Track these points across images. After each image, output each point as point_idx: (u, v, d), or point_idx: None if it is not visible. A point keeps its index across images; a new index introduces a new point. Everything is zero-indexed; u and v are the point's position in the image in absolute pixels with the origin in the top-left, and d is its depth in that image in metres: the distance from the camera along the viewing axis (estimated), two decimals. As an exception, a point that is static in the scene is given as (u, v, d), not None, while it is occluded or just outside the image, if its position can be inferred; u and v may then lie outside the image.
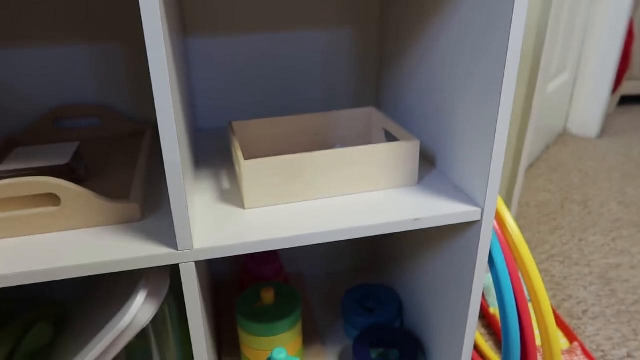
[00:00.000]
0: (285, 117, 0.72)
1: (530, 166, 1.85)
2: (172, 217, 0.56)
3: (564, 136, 2.16)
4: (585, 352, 0.93)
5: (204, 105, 0.85)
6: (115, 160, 0.72)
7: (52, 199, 0.55)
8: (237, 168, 0.63)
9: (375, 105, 0.91)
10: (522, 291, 0.62)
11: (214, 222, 0.55)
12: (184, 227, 0.49)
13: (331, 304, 0.94)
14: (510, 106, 0.52)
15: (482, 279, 0.61)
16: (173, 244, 0.51)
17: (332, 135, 0.75)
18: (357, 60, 0.86)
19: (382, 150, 0.60)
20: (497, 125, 0.52)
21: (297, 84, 0.86)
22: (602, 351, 0.97)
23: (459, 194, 0.61)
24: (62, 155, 0.64)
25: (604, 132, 2.17)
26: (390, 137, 0.72)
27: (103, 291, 0.69)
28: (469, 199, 0.59)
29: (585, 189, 1.66)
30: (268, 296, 0.75)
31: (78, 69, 0.78)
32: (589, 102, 2.09)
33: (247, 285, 0.88)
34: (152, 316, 0.54)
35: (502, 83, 0.51)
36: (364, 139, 0.76)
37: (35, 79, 0.78)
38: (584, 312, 1.08)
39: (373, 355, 0.79)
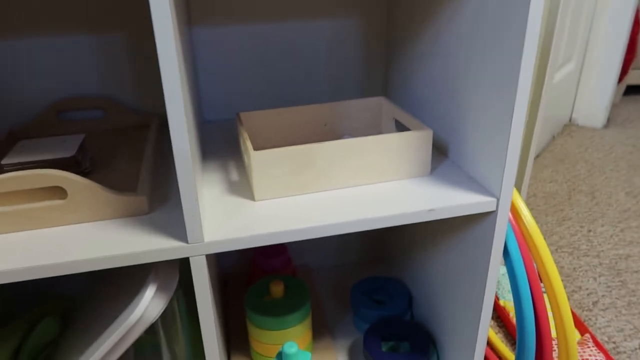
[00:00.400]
0: (294, 107, 0.70)
1: (537, 157, 1.84)
2: (180, 209, 0.55)
3: (569, 127, 2.14)
4: (597, 343, 0.92)
5: (209, 97, 0.83)
6: (120, 153, 0.70)
7: (58, 192, 0.54)
8: (245, 159, 0.61)
9: (384, 95, 0.89)
10: (538, 283, 0.61)
11: (224, 215, 0.54)
12: (194, 220, 0.48)
13: (340, 296, 0.93)
14: (528, 91, 0.50)
15: (497, 270, 0.60)
16: (183, 237, 0.50)
17: (341, 125, 0.74)
18: (364, 49, 0.85)
19: (394, 140, 0.59)
20: (514, 111, 0.51)
21: (303, 73, 0.85)
22: (614, 343, 0.96)
23: (473, 184, 0.59)
24: (67, 148, 0.63)
25: (610, 122, 2.15)
26: (400, 127, 0.71)
27: (111, 285, 0.68)
28: (483, 189, 0.58)
29: (592, 180, 1.64)
30: (277, 289, 0.74)
31: (81, 60, 0.77)
32: (595, 92, 2.07)
33: (255, 278, 0.87)
34: (162, 311, 0.53)
35: (520, 67, 0.49)
36: (374, 129, 0.75)
37: (38, 71, 0.76)
38: (594, 303, 1.07)
39: (384, 349, 0.78)
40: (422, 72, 0.71)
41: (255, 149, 0.70)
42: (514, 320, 0.99)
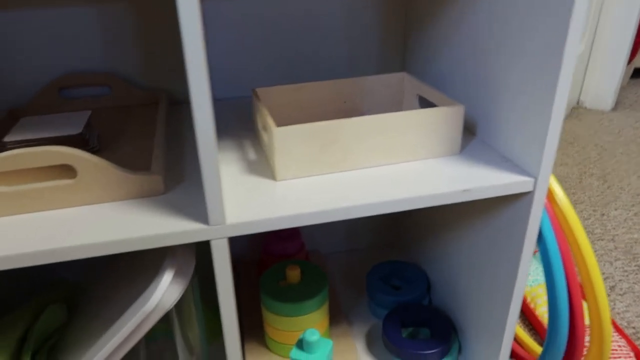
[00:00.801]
0: (312, 83, 0.66)
1: (545, 140, 1.80)
2: (198, 190, 0.52)
3: (577, 109, 2.10)
4: (618, 329, 0.89)
5: (218, 74, 0.79)
6: (128, 131, 0.66)
7: (66, 171, 0.50)
8: (264, 137, 0.58)
9: (402, 70, 0.85)
10: (573, 269, 0.58)
11: (245, 196, 0.50)
12: (216, 201, 0.44)
13: (353, 282, 0.90)
14: (574, 62, 0.47)
15: (531, 255, 0.57)
16: (203, 219, 0.46)
17: (361, 102, 0.70)
18: (382, 24, 0.80)
19: (424, 117, 0.55)
20: (559, 84, 0.47)
21: (316, 48, 0.80)
22: (634, 328, 0.94)
23: (507, 163, 0.56)
24: (73, 125, 0.59)
25: (618, 105, 2.12)
26: (425, 104, 0.67)
27: (121, 271, 0.64)
28: (519, 169, 0.54)
29: (603, 163, 1.61)
30: (294, 274, 0.70)
31: (84, 33, 0.72)
32: (604, 74, 2.03)
33: (266, 262, 0.84)
34: (179, 297, 0.50)
35: (567, 37, 0.45)
36: (395, 107, 0.71)
37: (38, 45, 0.72)
38: (612, 288, 1.05)
39: (403, 335, 0.75)
40: (447, 47, 0.67)
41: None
42: (531, 305, 0.96)
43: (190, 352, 0.62)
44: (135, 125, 0.68)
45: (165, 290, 0.49)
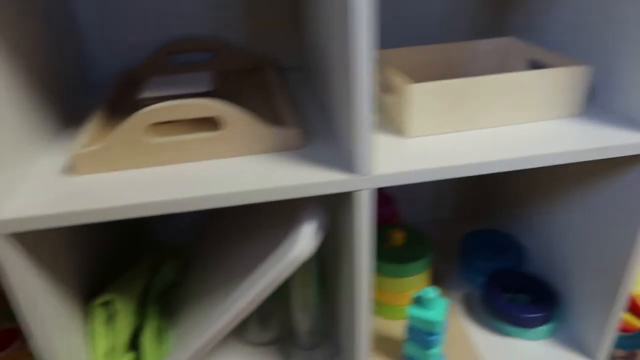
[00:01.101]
0: (422, 46, 0.67)
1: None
2: (333, 144, 0.53)
3: None
4: None
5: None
6: (243, 93, 0.68)
7: (209, 124, 0.52)
8: (387, 97, 0.59)
9: (497, 34, 0.83)
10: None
11: (381, 151, 0.52)
12: (366, 151, 0.46)
13: (441, 250, 0.90)
14: None
15: (654, 217, 0.56)
16: (349, 170, 0.48)
17: (468, 67, 0.70)
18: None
19: (552, 76, 0.55)
20: None
21: (409, 11, 0.79)
22: None
23: (634, 123, 0.55)
24: (200, 83, 0.61)
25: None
26: (536, 69, 0.66)
27: (240, 229, 0.67)
28: (648, 128, 0.54)
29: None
30: (398, 237, 0.72)
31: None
32: None
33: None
34: (317, 247, 0.52)
35: None
36: (502, 71, 0.71)
37: (148, 11, 0.74)
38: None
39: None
40: (559, 7, 0.66)
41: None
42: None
43: (305, 310, 0.64)
44: (248, 88, 0.70)
45: (308, 240, 0.50)
